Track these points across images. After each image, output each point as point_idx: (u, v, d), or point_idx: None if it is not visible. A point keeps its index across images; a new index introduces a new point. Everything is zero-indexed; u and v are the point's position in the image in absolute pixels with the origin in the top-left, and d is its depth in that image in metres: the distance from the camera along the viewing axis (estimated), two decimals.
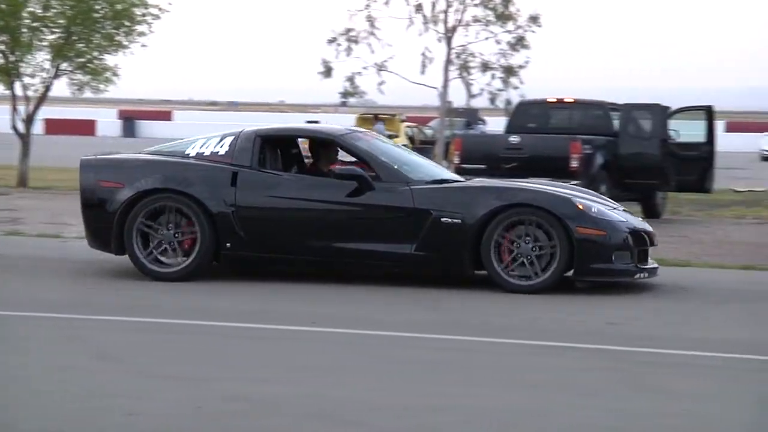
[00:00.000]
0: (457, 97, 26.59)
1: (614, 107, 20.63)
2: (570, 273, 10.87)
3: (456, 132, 27.54)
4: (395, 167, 11.44)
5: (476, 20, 24.68)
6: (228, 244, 11.30)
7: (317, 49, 25.50)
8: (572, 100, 21.17)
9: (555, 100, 21.24)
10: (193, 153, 11.73)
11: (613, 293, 10.83)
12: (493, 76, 24.42)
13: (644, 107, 20.18)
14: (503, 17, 24.10)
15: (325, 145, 11.97)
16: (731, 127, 60.45)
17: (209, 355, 8.13)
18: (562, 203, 10.97)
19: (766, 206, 21.48)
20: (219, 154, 11.60)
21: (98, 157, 12.16)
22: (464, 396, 6.98)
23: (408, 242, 11.07)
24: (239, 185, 11.37)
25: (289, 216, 11.36)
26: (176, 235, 11.31)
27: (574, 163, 18.54)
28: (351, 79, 24.83)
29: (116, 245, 11.47)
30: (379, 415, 6.54)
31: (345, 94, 25.25)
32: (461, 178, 12.22)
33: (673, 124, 19.77)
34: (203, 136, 12.08)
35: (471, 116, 42.00)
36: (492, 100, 25.02)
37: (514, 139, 19.30)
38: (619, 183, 19.01)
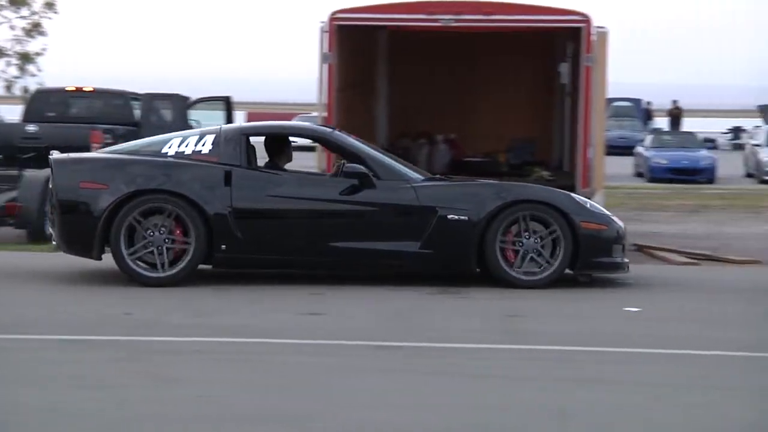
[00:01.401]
0: None
1: (135, 97, 20.58)
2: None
3: None
4: (395, 165, 11.37)
5: None
6: (223, 246, 10.82)
7: None
8: (92, 89, 20.90)
9: (74, 88, 20.88)
10: (171, 152, 11.15)
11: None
12: (8, 63, 23.69)
13: (165, 97, 20.35)
14: (17, 2, 23.40)
15: (280, 141, 11.70)
16: (252, 118, 61.84)
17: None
18: (566, 199, 11.11)
19: None
20: (202, 152, 11.13)
21: (73, 156, 11.43)
22: None
23: (413, 240, 10.95)
24: (234, 185, 10.91)
25: (289, 216, 11.07)
26: (167, 240, 10.77)
27: None
28: None
29: (99, 250, 10.88)
30: None
31: None
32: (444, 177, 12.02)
33: (193, 114, 20.00)
34: (177, 135, 11.64)
35: None
36: (8, 88, 24.24)
37: (31, 128, 18.78)
38: None
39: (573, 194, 11.59)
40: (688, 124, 46.89)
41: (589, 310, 10.21)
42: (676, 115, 47.01)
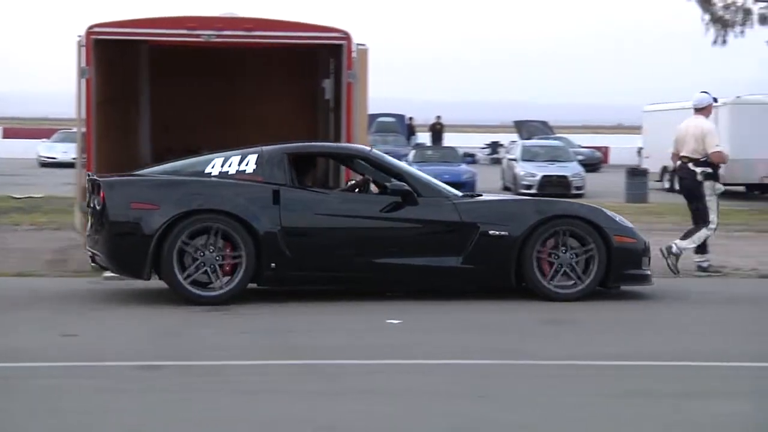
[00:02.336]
0: None
1: None
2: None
3: None
4: (434, 182, 11.69)
5: None
6: (273, 264, 10.89)
7: None
8: None
9: None
10: (215, 172, 11.23)
11: None
12: None
13: None
14: None
15: (308, 161, 11.90)
16: (9, 134, 60.14)
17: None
18: (599, 214, 11.52)
19: (44, 212, 21.58)
20: (247, 172, 11.20)
21: (122, 177, 11.40)
22: None
23: (454, 255, 11.15)
24: (283, 204, 11.01)
25: (335, 233, 11.15)
26: (218, 258, 10.81)
27: None
28: None
29: (150, 270, 10.77)
30: None
31: None
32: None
33: None
34: (218, 155, 11.51)
35: None
36: None
37: None
38: None
39: (605, 209, 11.94)
40: (449, 139, 47.99)
41: (354, 323, 10.30)
42: (438, 130, 48.07)
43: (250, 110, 19.46)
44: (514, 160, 33.37)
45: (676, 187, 33.52)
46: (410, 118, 50.00)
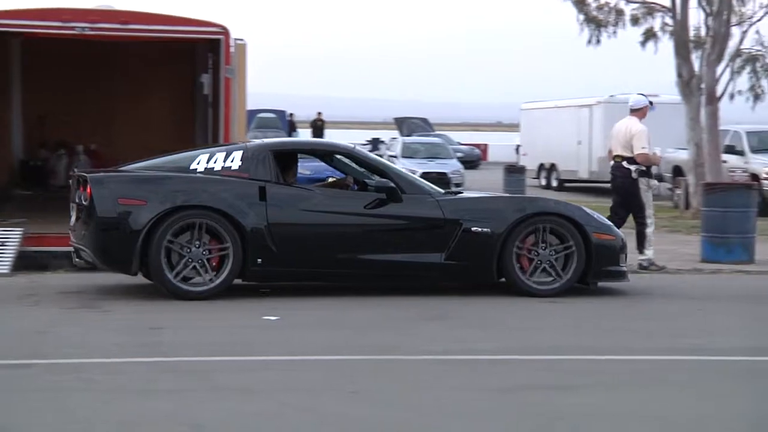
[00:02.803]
0: None
1: None
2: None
3: None
4: (416, 180, 11.88)
5: None
6: (259, 260, 10.99)
7: None
8: None
9: None
10: (200, 168, 11.27)
11: None
12: None
13: None
14: None
15: (290, 157, 11.89)
16: None
17: None
18: (579, 211, 11.71)
19: None
20: (232, 168, 11.26)
21: (108, 173, 11.45)
22: None
23: (438, 252, 11.29)
24: (269, 200, 11.09)
25: (321, 229, 11.24)
26: (204, 252, 10.87)
27: None
28: None
29: (137, 265, 10.84)
30: None
31: None
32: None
33: None
34: (203, 151, 11.63)
35: None
36: None
37: None
38: None
39: (584, 207, 12.12)
40: (330, 136, 48.01)
41: (230, 319, 10.22)
42: (319, 126, 48.06)
43: (128, 104, 19.24)
44: (395, 156, 33.51)
45: (553, 183, 34.46)
46: (291, 114, 49.89)
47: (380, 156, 40.94)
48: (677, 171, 26.66)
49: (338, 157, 12.21)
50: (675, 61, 23.03)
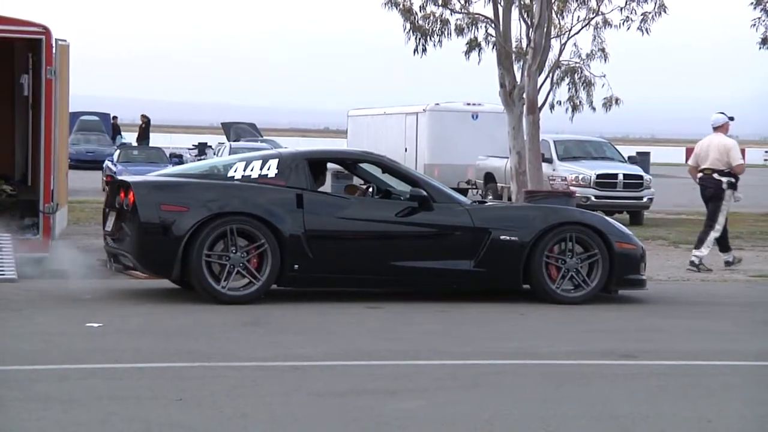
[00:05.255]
0: None
1: None
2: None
3: None
4: (446, 189, 12.13)
5: None
6: (296, 266, 11.25)
7: None
8: None
9: None
10: (237, 176, 11.56)
11: None
12: None
13: None
14: None
15: (319, 166, 11.98)
16: None
17: None
18: (602, 220, 12.20)
19: None
20: (269, 176, 11.54)
21: (152, 179, 11.75)
22: None
23: (467, 259, 11.64)
24: (306, 207, 11.38)
25: (355, 237, 11.58)
26: (242, 255, 11.16)
27: None
28: None
29: (179, 270, 11.09)
30: None
31: None
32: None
33: None
34: (240, 158, 11.94)
35: None
36: None
37: None
38: None
39: (606, 216, 12.76)
40: (155, 140, 47.40)
41: (52, 326, 10.01)
42: (143, 128, 47.34)
43: None
44: None
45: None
46: (114, 117, 49.10)
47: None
48: (488, 177, 27.60)
49: (362, 165, 12.59)
50: (498, 71, 23.46)
